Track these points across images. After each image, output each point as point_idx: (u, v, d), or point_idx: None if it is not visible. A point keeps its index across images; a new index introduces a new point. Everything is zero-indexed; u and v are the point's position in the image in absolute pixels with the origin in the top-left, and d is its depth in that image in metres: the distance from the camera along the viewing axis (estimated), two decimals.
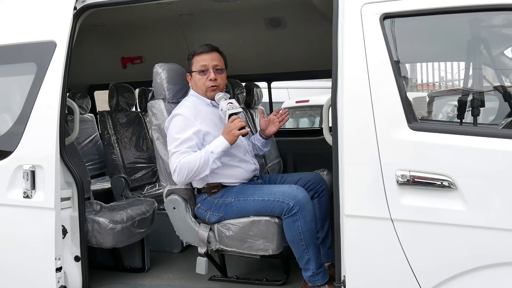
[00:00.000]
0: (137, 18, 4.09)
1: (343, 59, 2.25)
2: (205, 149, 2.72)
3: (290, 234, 2.71)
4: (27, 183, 2.78)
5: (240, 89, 4.64)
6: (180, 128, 2.76)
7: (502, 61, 2.77)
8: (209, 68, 2.90)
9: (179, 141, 2.74)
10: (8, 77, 3.16)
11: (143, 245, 3.55)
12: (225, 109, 2.80)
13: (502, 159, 2.05)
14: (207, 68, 2.90)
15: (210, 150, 2.70)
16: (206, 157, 2.69)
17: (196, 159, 2.69)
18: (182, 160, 2.70)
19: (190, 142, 2.74)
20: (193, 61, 2.94)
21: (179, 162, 2.70)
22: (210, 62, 2.90)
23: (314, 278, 2.74)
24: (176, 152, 2.73)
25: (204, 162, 2.69)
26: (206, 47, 2.95)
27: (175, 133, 2.77)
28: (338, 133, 2.26)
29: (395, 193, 2.16)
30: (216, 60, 2.93)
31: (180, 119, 2.79)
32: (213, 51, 2.95)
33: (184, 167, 2.69)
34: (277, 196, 2.72)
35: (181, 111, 2.82)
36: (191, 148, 2.74)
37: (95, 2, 2.83)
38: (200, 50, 2.93)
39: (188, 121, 2.78)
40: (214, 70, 2.90)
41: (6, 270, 2.92)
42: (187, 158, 2.70)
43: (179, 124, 2.78)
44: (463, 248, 2.10)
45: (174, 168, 2.72)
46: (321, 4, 3.11)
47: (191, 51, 2.98)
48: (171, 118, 2.83)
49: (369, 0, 2.24)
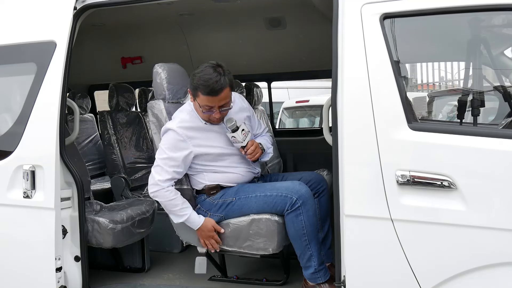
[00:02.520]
0: (137, 18, 4.09)
1: (343, 59, 2.25)
2: (186, 212, 2.78)
3: (293, 229, 2.71)
4: (27, 183, 2.78)
5: (240, 89, 4.63)
6: (171, 146, 2.76)
7: (502, 61, 2.77)
8: (215, 109, 2.72)
9: (166, 157, 2.76)
10: (8, 77, 3.16)
11: (143, 245, 3.55)
12: (230, 140, 2.84)
13: (502, 159, 2.05)
14: (212, 108, 2.72)
15: (186, 218, 2.78)
16: (178, 213, 2.79)
17: (174, 205, 2.77)
18: (168, 196, 2.75)
19: (175, 163, 2.76)
20: (198, 94, 2.68)
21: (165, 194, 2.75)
22: (217, 104, 2.69)
23: (316, 275, 2.73)
24: (158, 166, 2.77)
25: (175, 213, 2.80)
26: (215, 86, 2.61)
27: (165, 148, 2.77)
28: (338, 133, 2.26)
29: (395, 193, 2.16)
30: (223, 100, 2.69)
31: (173, 137, 2.75)
32: (223, 91, 2.65)
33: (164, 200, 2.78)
34: (280, 191, 2.72)
35: (176, 126, 2.76)
36: (174, 168, 2.75)
37: (95, 2, 2.83)
38: (208, 91, 2.63)
39: (180, 143, 2.75)
40: (220, 110, 2.73)
41: (6, 270, 2.92)
42: (171, 199, 2.76)
43: (171, 142, 2.76)
44: (463, 248, 2.10)
45: (154, 190, 2.76)
46: (321, 4, 3.11)
47: (197, 83, 2.66)
48: (166, 131, 2.78)
49: (369, 0, 2.24)
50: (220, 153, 2.86)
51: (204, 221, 2.80)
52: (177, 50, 4.68)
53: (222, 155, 2.87)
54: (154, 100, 3.07)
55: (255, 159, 2.87)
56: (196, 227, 2.80)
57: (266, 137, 3.13)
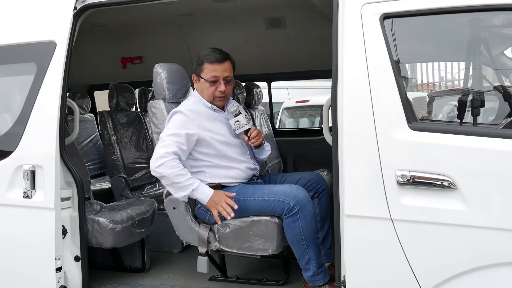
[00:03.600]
0: (137, 18, 4.09)
1: (343, 59, 2.25)
2: (195, 181, 2.72)
3: (291, 234, 2.71)
4: (27, 183, 2.78)
5: (240, 89, 4.63)
6: (177, 124, 2.81)
7: (502, 61, 2.77)
8: (220, 80, 2.85)
9: (172, 133, 2.78)
10: (8, 77, 3.16)
11: (143, 245, 3.55)
12: (233, 127, 2.88)
13: (502, 159, 2.05)
14: (218, 79, 2.85)
15: (196, 187, 2.71)
16: (186, 183, 2.70)
17: (181, 175, 2.70)
18: (175, 166, 2.69)
19: (181, 139, 2.76)
20: (204, 67, 2.87)
21: (171, 164, 2.69)
22: (222, 73, 2.85)
23: (314, 278, 2.74)
24: (164, 141, 2.76)
25: (182, 184, 2.70)
26: (219, 55, 2.85)
27: (172, 126, 2.82)
28: (338, 133, 2.27)
29: (395, 193, 2.16)
30: (227, 70, 2.87)
31: (180, 117, 2.82)
32: (226, 60, 2.87)
33: (171, 172, 2.69)
34: (278, 196, 2.72)
35: (183, 108, 2.85)
36: (180, 145, 2.75)
37: (95, 2, 2.83)
38: (213, 59, 2.85)
39: (187, 121, 2.80)
40: (224, 81, 2.86)
41: (6, 270, 2.92)
42: (178, 169, 2.70)
43: (177, 121, 2.82)
44: (463, 248, 2.10)
45: (160, 164, 2.70)
46: (321, 4, 3.11)
47: (202, 56, 2.89)
48: (173, 114, 2.86)
49: (369, 0, 2.24)
50: (224, 141, 2.89)
51: (214, 192, 2.75)
52: (177, 50, 4.68)
53: (225, 143, 2.89)
54: (154, 100, 3.07)
55: (258, 143, 2.91)
56: (207, 197, 2.72)
57: None
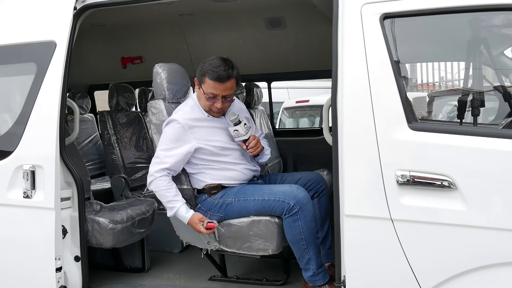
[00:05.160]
0: (137, 18, 4.09)
1: (343, 59, 2.25)
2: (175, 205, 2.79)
3: (291, 234, 2.71)
4: (27, 183, 2.78)
5: (240, 89, 4.64)
6: (172, 137, 2.80)
7: (502, 61, 2.77)
8: (219, 98, 2.78)
9: (166, 148, 2.80)
10: (8, 77, 3.16)
11: (143, 245, 3.55)
12: (232, 135, 2.86)
13: (502, 159, 2.05)
14: (216, 97, 2.78)
15: (174, 212, 2.79)
16: (167, 205, 2.82)
17: (164, 196, 2.81)
18: (160, 185, 2.80)
19: (174, 153, 2.80)
20: (205, 80, 2.77)
21: (157, 183, 2.80)
22: (222, 92, 2.76)
23: (314, 278, 2.74)
24: (157, 158, 2.83)
25: (167, 206, 2.83)
26: (223, 73, 2.71)
27: (167, 139, 2.82)
28: (338, 133, 2.27)
29: (395, 193, 2.16)
30: (228, 89, 2.77)
31: (176, 128, 2.80)
32: (229, 80, 2.75)
33: (157, 190, 2.82)
34: (278, 195, 2.72)
35: (179, 117, 2.81)
36: (173, 159, 2.79)
37: (95, 2, 2.83)
38: (215, 77, 2.72)
39: (182, 133, 2.79)
40: (223, 99, 2.79)
41: (6, 270, 2.92)
42: (162, 189, 2.80)
43: (173, 133, 2.80)
44: (463, 248, 2.10)
45: (149, 181, 2.84)
46: (321, 4, 3.11)
47: (207, 68, 2.76)
48: (169, 122, 2.83)
49: (369, 0, 2.24)
50: (221, 146, 2.87)
51: (191, 216, 2.78)
52: (177, 50, 4.68)
53: (223, 149, 2.88)
54: (154, 100, 3.07)
55: (256, 153, 2.89)
56: (185, 221, 2.79)
57: (263, 141, 3.13)
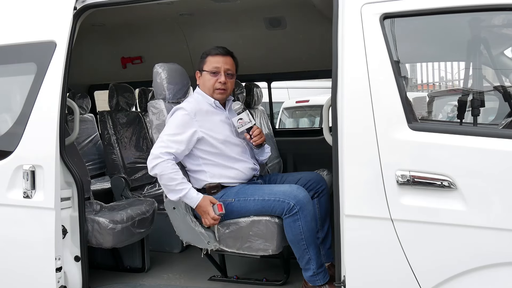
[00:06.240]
0: (137, 18, 4.09)
1: (343, 59, 2.25)
2: (185, 187, 2.73)
3: (291, 234, 2.71)
4: (27, 183, 2.78)
5: (240, 89, 4.64)
6: (178, 123, 2.82)
7: (502, 61, 2.77)
8: (221, 71, 2.92)
9: (171, 132, 2.80)
10: (8, 77, 3.16)
11: (143, 245, 3.55)
12: (236, 125, 2.91)
13: (502, 159, 2.05)
14: (219, 70, 2.92)
15: (184, 194, 2.72)
16: (177, 187, 2.73)
17: (173, 179, 2.72)
18: (167, 168, 2.72)
19: (180, 139, 2.78)
20: (206, 60, 2.96)
21: (165, 165, 2.71)
22: (223, 65, 2.93)
23: (314, 278, 2.74)
24: (162, 142, 2.77)
25: (173, 188, 2.73)
26: (221, 49, 2.96)
27: (172, 124, 2.83)
28: (338, 133, 2.27)
29: (395, 193, 2.16)
30: (229, 64, 2.96)
31: (182, 115, 2.83)
32: (228, 55, 2.97)
33: (163, 173, 2.72)
34: (278, 195, 2.72)
35: (185, 105, 2.88)
36: (178, 145, 2.77)
37: (95, 2, 2.83)
38: (215, 52, 2.95)
39: (188, 120, 2.82)
40: (225, 73, 2.93)
41: (6, 270, 2.92)
42: (170, 172, 2.72)
43: (178, 119, 2.83)
44: (463, 248, 2.10)
45: (154, 164, 2.73)
46: (321, 4, 3.11)
47: (206, 51, 3.00)
48: (174, 111, 2.87)
49: (369, 0, 2.24)
50: (224, 140, 2.90)
51: (202, 198, 2.76)
52: (177, 50, 4.67)
53: (225, 142, 2.90)
54: (154, 100, 3.07)
55: (260, 142, 2.93)
56: (194, 203, 2.75)
57: None
